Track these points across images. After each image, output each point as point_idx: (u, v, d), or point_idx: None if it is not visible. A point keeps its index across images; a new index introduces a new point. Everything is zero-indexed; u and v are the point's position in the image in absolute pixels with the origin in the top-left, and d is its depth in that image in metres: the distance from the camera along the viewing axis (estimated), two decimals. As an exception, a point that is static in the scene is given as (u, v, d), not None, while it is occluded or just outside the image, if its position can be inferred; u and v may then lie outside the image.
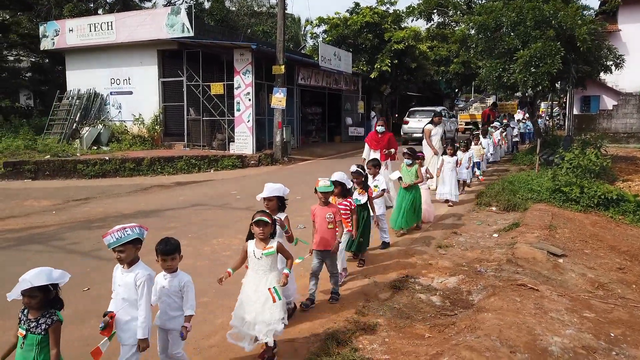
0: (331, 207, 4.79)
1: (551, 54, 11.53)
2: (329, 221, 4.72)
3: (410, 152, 7.57)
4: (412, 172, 7.43)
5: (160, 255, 3.32)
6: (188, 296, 3.33)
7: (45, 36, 19.22)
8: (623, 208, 8.83)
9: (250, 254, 3.81)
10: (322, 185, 4.73)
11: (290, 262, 3.94)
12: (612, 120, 25.71)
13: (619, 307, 4.79)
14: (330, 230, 4.73)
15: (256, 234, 3.75)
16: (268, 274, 3.78)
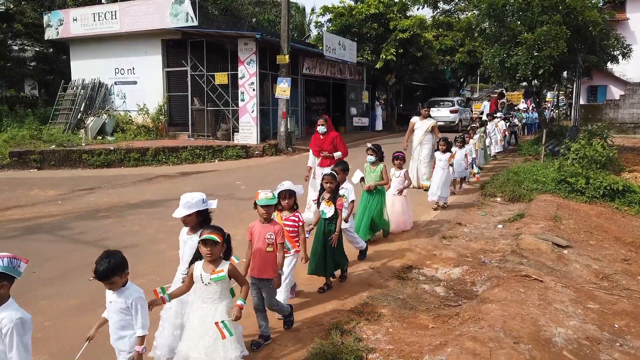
0: (274, 225, 3.87)
1: (556, 37, 11.40)
2: (269, 243, 3.82)
3: (374, 149, 6.49)
4: (377, 173, 6.40)
5: None
6: (138, 314, 2.91)
7: (50, 25, 19.19)
8: (629, 199, 8.78)
9: (196, 278, 3.22)
10: (262, 198, 3.81)
11: (245, 289, 3.28)
12: (619, 110, 25.54)
13: (624, 298, 4.79)
14: (270, 254, 3.82)
15: (203, 254, 3.16)
16: (217, 304, 3.21)
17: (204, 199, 3.53)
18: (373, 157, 6.47)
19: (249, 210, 8.56)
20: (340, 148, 7.40)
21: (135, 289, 2.95)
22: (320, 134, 7.46)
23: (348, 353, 3.61)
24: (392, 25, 24.51)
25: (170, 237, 6.83)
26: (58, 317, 4.40)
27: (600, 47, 14.58)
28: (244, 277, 3.40)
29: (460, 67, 33.52)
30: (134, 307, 2.89)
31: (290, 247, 4.27)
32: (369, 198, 6.40)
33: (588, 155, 10.08)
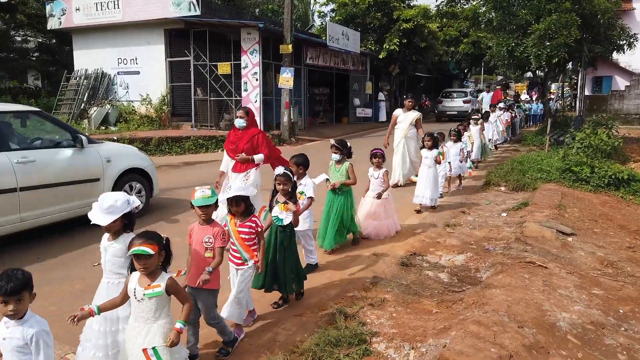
0: (213, 227, 3.38)
1: (567, 25, 11.27)
2: (207, 248, 3.34)
3: (339, 146, 5.66)
4: (342, 172, 5.63)
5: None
6: (39, 354, 2.36)
7: (52, 15, 19.14)
8: (634, 188, 8.74)
9: (130, 292, 2.78)
10: (198, 197, 3.33)
11: (187, 309, 2.83)
12: (624, 101, 25.37)
13: (629, 284, 4.77)
14: (208, 260, 3.35)
15: (137, 269, 2.75)
16: (151, 324, 2.75)
17: (128, 200, 3.08)
18: (337, 154, 5.64)
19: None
20: (263, 149, 5.74)
21: (37, 321, 2.42)
22: (237, 129, 5.83)
23: (352, 337, 3.61)
24: (395, 15, 24.36)
25: (173, 226, 6.84)
26: (63, 301, 4.42)
27: (606, 37, 14.44)
28: (185, 293, 2.95)
29: (464, 58, 33.33)
30: (34, 344, 2.35)
31: (247, 257, 3.67)
32: (333, 200, 5.65)
33: (593, 145, 10.02)
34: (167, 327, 2.76)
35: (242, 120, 5.77)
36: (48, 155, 6.08)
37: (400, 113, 9.39)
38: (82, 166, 6.40)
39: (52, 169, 6.03)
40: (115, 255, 3.05)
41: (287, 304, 4.34)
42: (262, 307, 4.27)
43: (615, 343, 3.66)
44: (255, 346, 3.66)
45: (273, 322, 4.01)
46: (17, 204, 5.62)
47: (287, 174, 4.16)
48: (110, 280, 3.10)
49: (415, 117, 9.28)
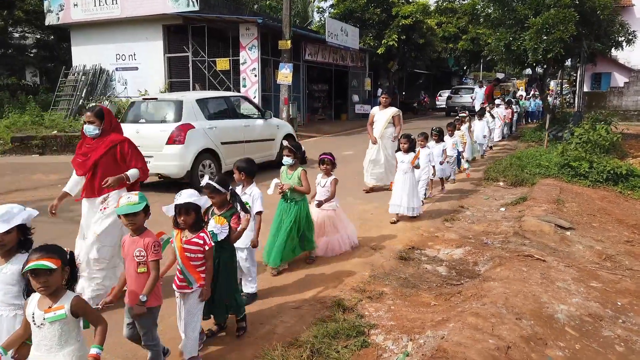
0: (144, 238, 2.95)
1: (564, 20, 11.27)
2: (139, 262, 2.93)
3: (292, 148, 4.97)
4: (294, 179, 4.92)
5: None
6: None
7: (50, 11, 19.07)
8: (632, 183, 8.75)
9: (28, 317, 2.33)
10: (123, 204, 2.92)
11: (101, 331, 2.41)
12: (623, 97, 25.35)
13: (627, 277, 4.78)
14: (142, 276, 2.95)
15: (36, 289, 2.27)
16: (56, 353, 2.30)
17: (25, 211, 2.63)
18: (290, 158, 4.93)
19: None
20: (135, 162, 4.30)
21: None
22: (89, 137, 4.21)
23: (350, 329, 3.62)
24: (394, 11, 24.32)
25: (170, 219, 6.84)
26: None
27: (605, 33, 14.44)
28: (97, 313, 2.49)
29: (463, 54, 33.30)
30: None
31: (192, 280, 3.17)
32: (284, 210, 4.95)
33: (592, 140, 10.03)
34: (77, 355, 2.33)
35: (93, 126, 4.13)
36: (253, 123, 10.10)
37: (377, 111, 8.50)
38: (267, 131, 10.27)
39: (256, 131, 10.02)
40: (8, 283, 2.52)
41: (224, 332, 3.73)
42: (260, 299, 4.27)
43: (613, 335, 3.67)
44: (253, 338, 3.65)
45: (271, 315, 4.01)
46: (242, 150, 9.37)
47: (211, 184, 3.48)
48: (4, 314, 2.56)
49: (392, 114, 8.38)
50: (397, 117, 8.44)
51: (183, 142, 8.30)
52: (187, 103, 8.75)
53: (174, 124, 8.42)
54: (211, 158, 8.89)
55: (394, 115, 8.40)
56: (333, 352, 3.32)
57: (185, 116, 8.54)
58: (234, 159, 8.13)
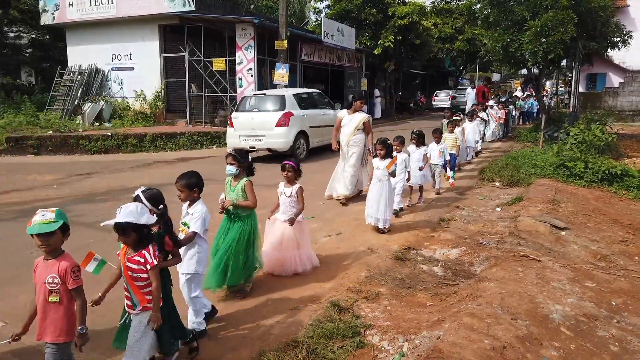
0: (60, 261, 2.67)
1: (563, 22, 11.29)
2: (51, 290, 2.64)
3: (236, 155, 4.25)
4: (238, 191, 4.25)
5: None
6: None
7: (45, 11, 19.00)
8: (627, 183, 8.79)
9: None
10: (35, 223, 2.61)
11: None
12: (618, 98, 25.46)
13: (621, 277, 4.80)
14: (52, 306, 2.65)
15: None
16: None
17: None
18: (233, 167, 4.23)
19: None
20: None
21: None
22: None
23: (346, 329, 3.62)
24: (390, 11, 24.34)
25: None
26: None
27: (601, 34, 14.49)
28: None
29: (459, 55, 33.36)
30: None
31: (136, 301, 2.92)
32: (227, 227, 4.29)
33: (587, 140, 10.07)
34: None
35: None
36: (327, 112, 13.11)
37: (345, 115, 7.76)
38: (333, 118, 10.84)
39: (329, 118, 12.48)
40: None
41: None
42: (255, 299, 4.27)
43: (608, 335, 3.68)
44: (249, 339, 3.65)
45: (267, 316, 4.01)
46: (321, 132, 12.55)
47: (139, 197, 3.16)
48: None
49: (362, 119, 7.60)
50: (368, 122, 7.67)
51: (287, 125, 11.48)
52: (288, 97, 11.96)
53: (280, 112, 11.57)
54: (303, 137, 12.07)
55: (364, 121, 7.62)
56: (329, 352, 3.33)
57: (287, 106, 11.72)
58: (317, 139, 12.68)
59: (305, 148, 12.14)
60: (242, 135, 11.80)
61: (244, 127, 11.78)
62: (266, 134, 11.44)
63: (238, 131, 11.88)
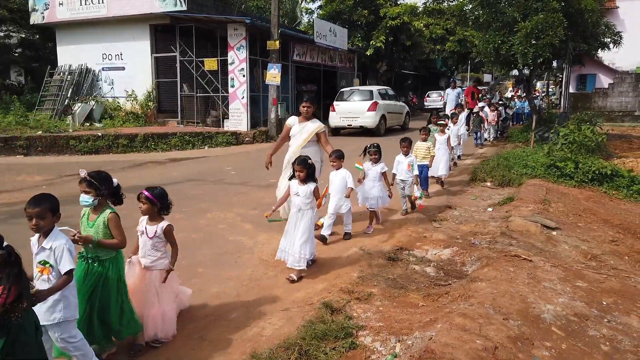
0: None
1: (553, 25, 11.37)
2: None
3: (92, 181, 3.31)
4: (97, 227, 3.33)
5: None
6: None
7: (35, 10, 18.83)
8: (617, 183, 8.85)
9: None
10: None
11: None
12: (608, 98, 25.70)
13: (612, 277, 4.83)
14: None
15: None
16: None
17: None
18: (89, 197, 3.29)
19: (238, 195, 8.56)
20: None
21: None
22: None
23: (338, 330, 3.60)
24: (382, 12, 24.40)
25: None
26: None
27: (592, 35, 14.61)
28: None
29: (450, 55, 33.52)
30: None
31: None
32: (85, 275, 3.29)
33: (577, 140, 10.14)
34: None
35: None
36: (395, 102, 19.23)
37: (295, 123, 6.18)
38: (400, 108, 19.37)
39: (397, 107, 19.28)
40: None
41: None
42: (246, 300, 4.25)
43: (599, 334, 3.70)
44: (241, 340, 3.63)
45: (259, 317, 3.99)
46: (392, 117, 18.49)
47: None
48: None
49: (314, 130, 6.06)
50: (323, 134, 6.14)
51: (375, 110, 16.81)
52: (374, 91, 17.66)
53: (370, 101, 16.96)
54: (383, 120, 16.80)
55: (319, 132, 6.09)
56: (321, 354, 3.31)
57: (374, 97, 17.13)
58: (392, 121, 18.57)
59: (384, 127, 17.47)
60: (342, 117, 17.24)
61: (343, 111, 17.20)
62: (360, 116, 16.82)
63: (339, 114, 17.27)
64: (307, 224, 4.73)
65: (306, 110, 6.12)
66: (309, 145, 6.09)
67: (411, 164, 6.92)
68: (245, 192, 8.59)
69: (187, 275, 4.86)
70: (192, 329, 3.81)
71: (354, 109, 17.01)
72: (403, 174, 6.96)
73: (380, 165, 6.32)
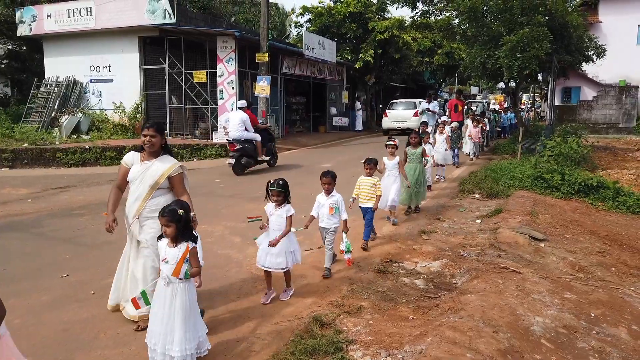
0: None
1: (539, 39, 11.58)
2: None
3: None
4: None
5: None
6: None
7: (22, 22, 18.71)
8: (602, 195, 8.97)
9: None
10: None
11: None
12: (592, 111, 26.13)
13: (599, 288, 4.87)
14: None
15: None
16: None
17: None
18: None
19: (228, 207, 8.49)
20: None
21: None
22: None
23: (328, 345, 3.58)
24: (370, 25, 24.63)
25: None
26: (29, 314, 4.26)
27: (576, 48, 14.91)
28: None
29: (438, 68, 33.86)
30: None
31: None
32: None
33: (563, 153, 10.28)
34: None
35: None
36: None
37: (134, 161, 4.18)
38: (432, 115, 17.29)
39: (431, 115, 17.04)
40: None
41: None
42: (235, 314, 4.20)
43: (587, 346, 3.72)
44: (230, 356, 3.58)
45: (248, 332, 3.94)
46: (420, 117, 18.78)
47: None
48: None
49: (165, 172, 4.03)
50: (179, 178, 4.07)
51: (418, 116, 19.43)
52: (417, 102, 21.97)
53: (414, 109, 21.43)
54: None
55: (172, 176, 4.03)
56: (311, 369, 3.28)
57: (417, 107, 21.12)
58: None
59: None
60: (393, 121, 22.22)
61: (394, 116, 22.39)
62: (407, 120, 21.55)
63: (390, 119, 22.40)
64: (183, 306, 3.30)
65: (149, 142, 4.00)
66: (158, 196, 4.05)
67: (335, 206, 5.08)
68: (234, 204, 8.56)
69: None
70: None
71: (402, 115, 22.11)
72: (324, 219, 5.17)
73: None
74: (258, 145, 11.91)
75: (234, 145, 11.56)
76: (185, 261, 3.29)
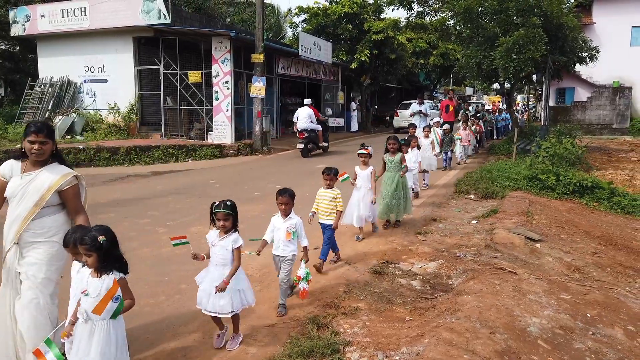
0: None
1: (534, 40, 11.62)
2: None
3: None
4: None
5: None
6: None
7: (16, 22, 18.59)
8: (597, 195, 9.01)
9: None
10: None
11: None
12: (586, 111, 26.24)
13: (595, 289, 4.88)
14: None
15: None
16: None
17: None
18: None
19: (224, 208, 8.39)
20: None
21: None
22: None
23: (325, 346, 3.56)
24: (366, 26, 24.65)
25: (142, 235, 6.66)
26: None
27: (571, 49, 14.98)
28: None
29: (433, 69, 33.95)
30: None
31: None
32: None
33: (558, 153, 10.31)
34: None
35: None
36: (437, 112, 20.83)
37: (14, 173, 3.27)
38: None
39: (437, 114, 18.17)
40: None
41: None
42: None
43: (584, 347, 3.72)
44: (225, 359, 3.56)
45: (244, 334, 3.92)
46: None
47: None
48: None
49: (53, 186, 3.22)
50: (72, 190, 3.32)
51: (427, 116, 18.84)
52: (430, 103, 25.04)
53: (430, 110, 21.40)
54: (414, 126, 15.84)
55: (64, 189, 3.27)
56: (308, 371, 3.26)
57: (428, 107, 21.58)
58: None
59: None
60: (403, 120, 23.35)
61: (404, 116, 23.45)
62: None
63: (401, 119, 24.17)
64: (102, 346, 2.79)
65: (39, 150, 3.17)
66: (45, 215, 3.23)
67: (292, 231, 4.30)
68: (229, 205, 8.51)
69: (169, 291, 4.78)
70: (175, 347, 3.73)
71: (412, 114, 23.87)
72: (280, 245, 4.35)
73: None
74: (319, 134, 15.27)
75: (303, 133, 14.56)
76: (115, 299, 2.75)
